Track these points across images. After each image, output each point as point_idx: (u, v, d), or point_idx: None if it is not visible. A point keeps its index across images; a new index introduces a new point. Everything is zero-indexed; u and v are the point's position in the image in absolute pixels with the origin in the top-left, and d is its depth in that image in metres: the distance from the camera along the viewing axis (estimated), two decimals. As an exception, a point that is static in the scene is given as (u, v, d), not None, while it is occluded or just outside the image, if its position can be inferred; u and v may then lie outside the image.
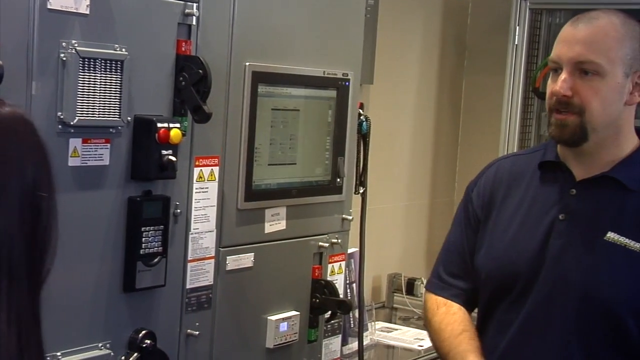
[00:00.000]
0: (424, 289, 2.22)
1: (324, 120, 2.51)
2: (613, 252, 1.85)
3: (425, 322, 2.17)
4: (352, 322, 3.29)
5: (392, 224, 4.15)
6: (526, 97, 4.04)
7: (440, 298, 2.11)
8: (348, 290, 3.21)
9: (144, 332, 2.02)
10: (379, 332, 3.49)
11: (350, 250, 3.23)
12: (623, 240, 1.84)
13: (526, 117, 4.13)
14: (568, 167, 1.96)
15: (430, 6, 4.19)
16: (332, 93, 2.51)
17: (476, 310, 2.14)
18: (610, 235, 1.86)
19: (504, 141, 4.10)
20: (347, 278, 3.24)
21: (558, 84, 1.85)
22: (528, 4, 3.84)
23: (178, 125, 1.99)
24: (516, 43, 3.91)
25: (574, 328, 1.88)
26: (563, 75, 1.85)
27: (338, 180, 2.58)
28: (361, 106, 2.86)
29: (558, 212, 1.94)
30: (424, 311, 2.19)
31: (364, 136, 2.94)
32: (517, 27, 3.88)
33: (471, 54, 4.52)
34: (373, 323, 3.43)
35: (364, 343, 3.34)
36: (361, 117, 2.84)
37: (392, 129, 4.00)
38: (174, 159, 1.97)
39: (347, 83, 2.55)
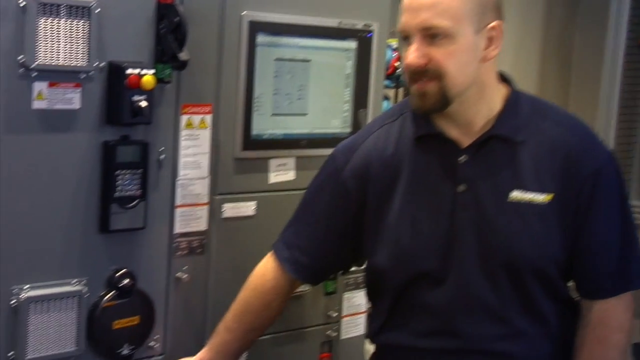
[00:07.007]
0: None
1: (341, 72, 2.47)
2: (522, 211, 1.79)
3: None
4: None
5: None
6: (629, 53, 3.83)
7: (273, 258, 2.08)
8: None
9: (122, 271, 2.09)
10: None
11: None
12: (527, 196, 1.79)
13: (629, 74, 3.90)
14: (449, 136, 1.85)
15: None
16: (352, 44, 2.47)
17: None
18: (515, 194, 1.80)
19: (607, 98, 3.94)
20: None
21: (410, 56, 1.76)
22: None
23: (152, 71, 2.03)
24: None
25: (510, 292, 1.82)
26: (414, 45, 1.76)
27: (359, 132, 2.53)
28: (399, 58, 2.81)
29: (455, 184, 1.83)
30: None
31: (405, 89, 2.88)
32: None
33: (584, 8, 4.29)
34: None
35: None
36: (398, 71, 2.78)
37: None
38: (144, 104, 2.01)
39: (369, 35, 2.49)
